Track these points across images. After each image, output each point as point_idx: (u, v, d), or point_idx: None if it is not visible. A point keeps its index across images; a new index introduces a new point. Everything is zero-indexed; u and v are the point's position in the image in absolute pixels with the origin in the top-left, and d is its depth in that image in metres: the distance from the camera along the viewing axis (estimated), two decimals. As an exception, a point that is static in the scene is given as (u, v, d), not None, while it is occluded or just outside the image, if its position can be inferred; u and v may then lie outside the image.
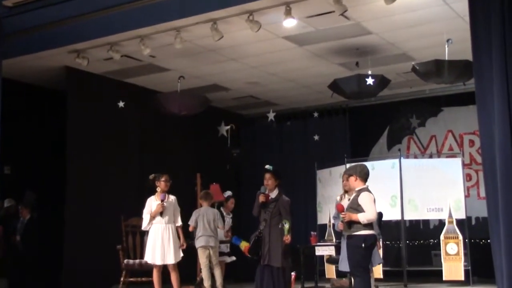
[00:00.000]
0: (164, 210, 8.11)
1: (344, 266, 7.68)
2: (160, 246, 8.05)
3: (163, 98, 10.27)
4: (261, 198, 7.74)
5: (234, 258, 9.81)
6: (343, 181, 7.92)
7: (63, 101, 10.51)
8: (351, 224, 6.61)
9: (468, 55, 6.88)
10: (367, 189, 6.69)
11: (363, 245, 6.50)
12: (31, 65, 10.03)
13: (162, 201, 8.10)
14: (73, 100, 10.51)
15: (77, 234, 10.12)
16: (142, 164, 11.33)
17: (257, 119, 13.71)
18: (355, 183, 6.79)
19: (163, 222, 8.13)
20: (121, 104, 10.44)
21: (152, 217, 8.11)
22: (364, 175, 6.80)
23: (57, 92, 10.86)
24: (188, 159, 12.04)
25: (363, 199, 6.57)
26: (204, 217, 9.25)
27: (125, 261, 9.75)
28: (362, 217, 6.52)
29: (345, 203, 7.48)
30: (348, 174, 6.99)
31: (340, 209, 6.87)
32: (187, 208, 9.20)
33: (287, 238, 7.69)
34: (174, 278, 8.13)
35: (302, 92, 12.37)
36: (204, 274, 9.15)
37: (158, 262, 8.08)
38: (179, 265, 8.49)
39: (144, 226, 8.27)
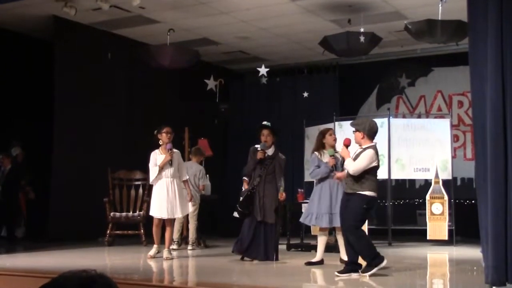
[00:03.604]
0: (173, 160, 7.98)
1: (329, 221, 7.59)
2: (166, 200, 7.91)
3: (154, 50, 10.15)
4: (260, 155, 7.75)
5: None
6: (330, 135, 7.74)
7: (50, 50, 10.37)
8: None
9: (461, 14, 6.82)
10: (373, 147, 6.52)
11: (364, 206, 6.42)
12: (18, 13, 9.84)
13: (169, 150, 7.95)
14: (60, 50, 10.38)
15: (64, 186, 10.11)
16: (130, 117, 11.29)
17: (247, 74, 13.62)
18: (362, 140, 6.57)
19: (169, 175, 7.97)
20: (109, 55, 10.33)
21: (161, 168, 7.95)
22: (373, 134, 6.58)
23: (44, 41, 10.69)
24: (176, 113, 11.96)
25: (364, 154, 6.46)
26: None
27: (112, 213, 9.79)
28: (349, 162, 6.49)
29: (326, 159, 7.46)
30: (355, 128, 6.65)
31: (346, 142, 6.70)
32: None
33: (282, 195, 7.78)
34: (168, 232, 8.07)
35: (293, 48, 12.26)
36: (175, 227, 9.24)
37: (165, 216, 7.96)
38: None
39: (152, 179, 8.05)
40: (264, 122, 7.98)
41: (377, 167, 6.55)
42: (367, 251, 6.43)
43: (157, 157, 8.03)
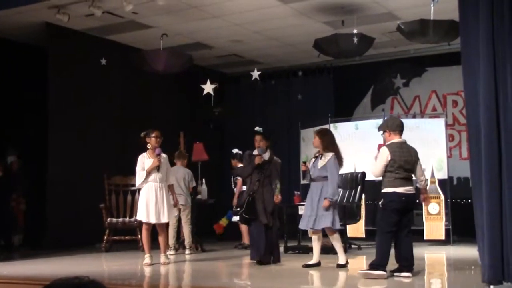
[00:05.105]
0: (161, 165, 7.92)
1: (304, 224, 7.60)
2: (154, 205, 7.82)
3: (148, 55, 10.14)
4: (257, 160, 7.81)
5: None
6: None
7: (44, 57, 10.35)
8: None
9: (453, 14, 6.83)
10: (387, 144, 6.55)
11: (380, 202, 6.48)
12: (10, 20, 9.82)
13: (158, 155, 7.86)
14: (54, 57, 10.36)
15: (60, 193, 10.08)
16: (125, 122, 11.26)
17: (241, 77, 13.62)
18: (389, 138, 6.61)
19: (157, 180, 7.88)
20: (103, 61, 10.32)
21: (148, 173, 7.86)
22: (396, 127, 6.59)
23: (37, 48, 10.67)
24: (171, 117, 11.97)
25: (378, 155, 6.55)
26: (174, 175, 9.29)
27: (108, 219, 9.77)
28: (370, 164, 6.63)
29: (320, 164, 7.47)
30: (382, 131, 6.74)
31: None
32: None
33: (279, 198, 7.89)
34: (162, 239, 8.00)
35: (287, 51, 12.27)
36: (170, 233, 9.21)
37: (153, 220, 7.85)
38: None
39: (139, 183, 7.95)
40: (256, 128, 8.03)
41: (395, 161, 6.45)
42: (380, 257, 6.39)
43: (145, 161, 7.93)
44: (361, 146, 10.74)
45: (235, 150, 10.34)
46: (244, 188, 10.24)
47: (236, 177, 10.52)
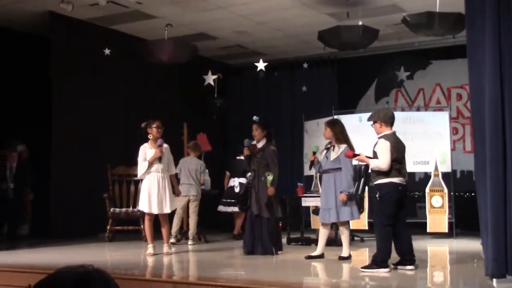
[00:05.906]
0: (162, 156, 7.89)
1: (324, 216, 7.57)
2: (156, 195, 7.80)
3: (152, 45, 10.12)
4: (245, 152, 7.88)
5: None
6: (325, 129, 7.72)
7: (47, 47, 10.33)
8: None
9: (459, 7, 6.80)
10: (384, 136, 6.49)
11: (377, 195, 6.42)
12: (13, 9, 9.80)
13: (160, 146, 7.84)
14: (57, 47, 10.34)
15: (64, 183, 10.09)
16: (128, 113, 11.25)
17: (244, 68, 13.58)
18: (381, 129, 6.57)
19: (159, 170, 7.86)
20: (107, 51, 10.30)
21: (150, 164, 7.85)
22: (388, 119, 6.56)
23: (41, 38, 10.65)
24: (175, 108, 11.95)
25: (379, 147, 6.46)
26: (187, 166, 9.32)
27: (111, 209, 9.79)
28: (372, 163, 6.47)
29: (332, 155, 7.45)
30: (372, 121, 6.67)
31: (349, 155, 6.92)
32: (173, 157, 9.17)
33: (270, 189, 7.71)
34: (165, 230, 7.98)
35: (291, 42, 12.23)
36: (174, 221, 9.24)
37: (155, 211, 7.83)
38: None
39: (140, 174, 7.93)
40: (254, 117, 8.02)
41: (393, 152, 6.43)
42: (381, 252, 6.37)
43: (146, 151, 7.92)
44: (364, 138, 10.70)
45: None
46: (231, 180, 10.42)
47: (226, 170, 10.69)
